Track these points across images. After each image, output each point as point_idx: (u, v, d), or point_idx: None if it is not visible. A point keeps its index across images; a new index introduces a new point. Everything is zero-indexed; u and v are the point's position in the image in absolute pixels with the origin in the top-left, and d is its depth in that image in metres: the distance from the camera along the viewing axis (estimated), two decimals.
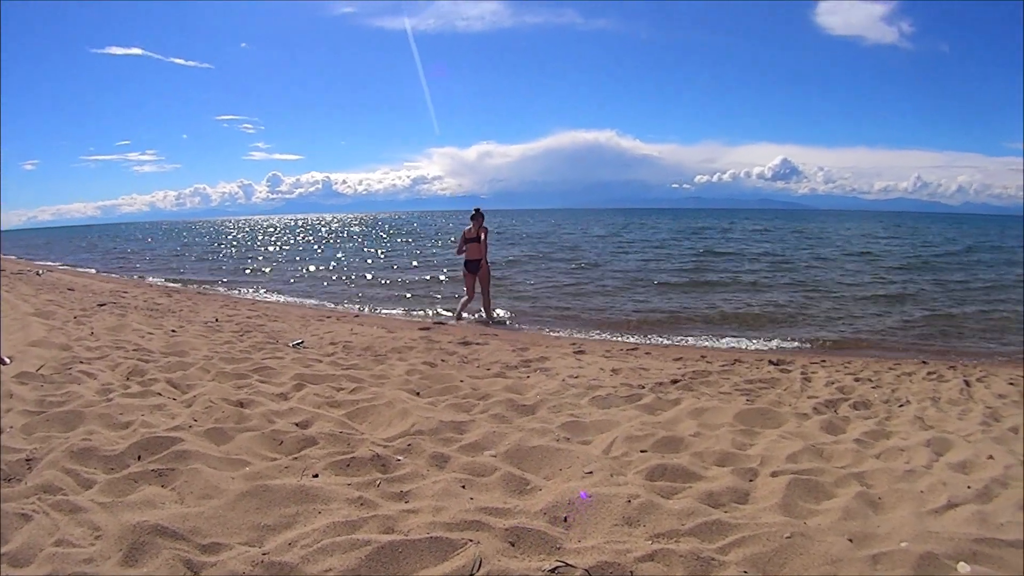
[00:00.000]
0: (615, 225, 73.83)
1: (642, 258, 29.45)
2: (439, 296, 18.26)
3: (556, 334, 12.24)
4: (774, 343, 11.58)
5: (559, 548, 3.09)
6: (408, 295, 18.55)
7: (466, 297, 13.90)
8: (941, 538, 3.23)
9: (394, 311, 15.86)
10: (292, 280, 23.31)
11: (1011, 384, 7.82)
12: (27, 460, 3.88)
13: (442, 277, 22.88)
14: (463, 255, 13.69)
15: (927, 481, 4.09)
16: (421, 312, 15.51)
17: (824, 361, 9.40)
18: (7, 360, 6.40)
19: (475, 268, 13.55)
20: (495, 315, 14.05)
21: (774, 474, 4.17)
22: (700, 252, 32.45)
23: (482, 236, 13.39)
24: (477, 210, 13.53)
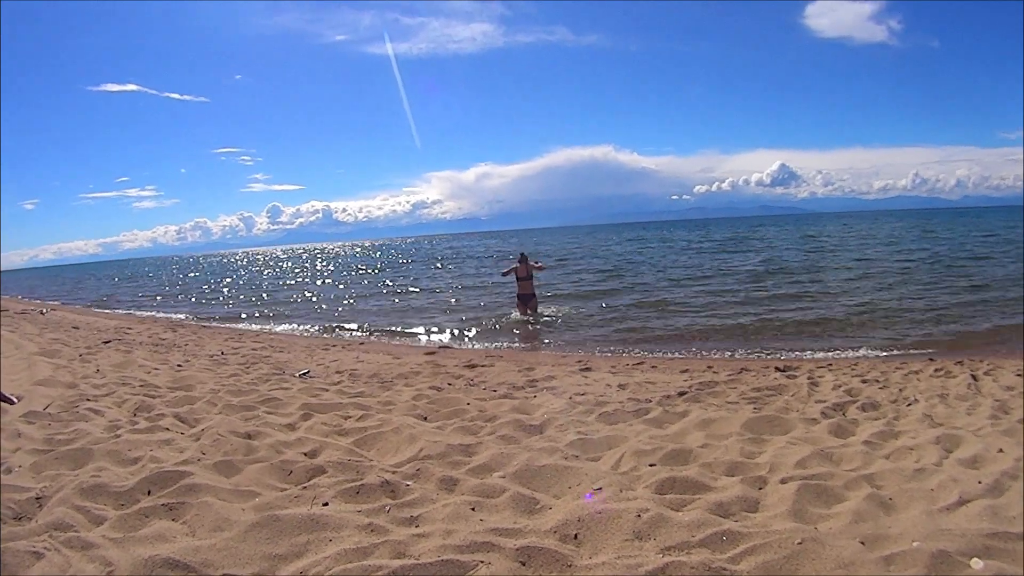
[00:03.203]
0: (641, 241, 69.66)
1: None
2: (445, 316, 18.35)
3: (562, 353, 12.24)
4: None
5: (570, 565, 3.11)
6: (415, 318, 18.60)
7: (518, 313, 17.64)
8: (953, 535, 3.23)
9: (399, 336, 15.95)
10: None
11: (1018, 376, 7.82)
12: (37, 498, 3.90)
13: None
14: (508, 277, 17.97)
15: (937, 479, 4.09)
16: (430, 336, 15.70)
17: (831, 365, 9.39)
18: (15, 399, 6.43)
19: (527, 300, 17.54)
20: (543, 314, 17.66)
21: (783, 481, 4.16)
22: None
23: (533, 274, 17.52)
24: (523, 255, 17.76)
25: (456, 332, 15.87)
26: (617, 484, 4.09)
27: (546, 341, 14.06)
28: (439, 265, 48.91)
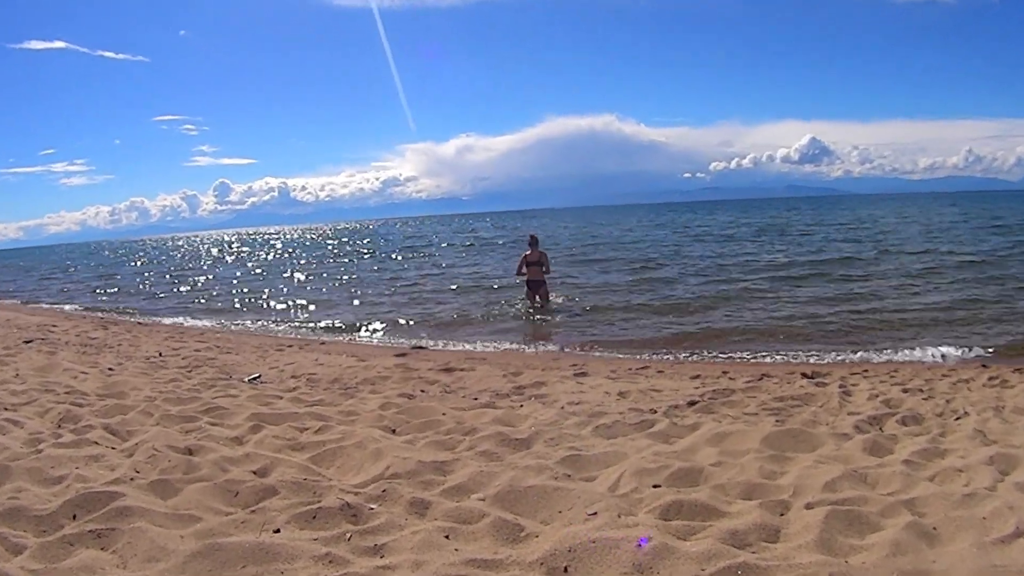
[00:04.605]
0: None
1: None
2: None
3: (554, 355, 12.23)
4: None
5: None
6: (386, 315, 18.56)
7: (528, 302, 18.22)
8: (1009, 572, 3.22)
9: (366, 336, 15.93)
10: None
11: None
12: None
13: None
14: (523, 275, 18.15)
15: (990, 506, 4.04)
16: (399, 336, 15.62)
17: (867, 371, 9.40)
18: None
19: (537, 287, 18.03)
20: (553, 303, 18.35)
21: (809, 506, 4.17)
22: None
23: (544, 261, 17.92)
24: (533, 236, 18.32)
25: (431, 330, 15.84)
26: (615, 508, 4.08)
27: (538, 340, 14.03)
28: (413, 252, 48.73)
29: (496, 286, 23.03)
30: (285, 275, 35.87)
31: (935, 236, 37.32)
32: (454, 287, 24.21)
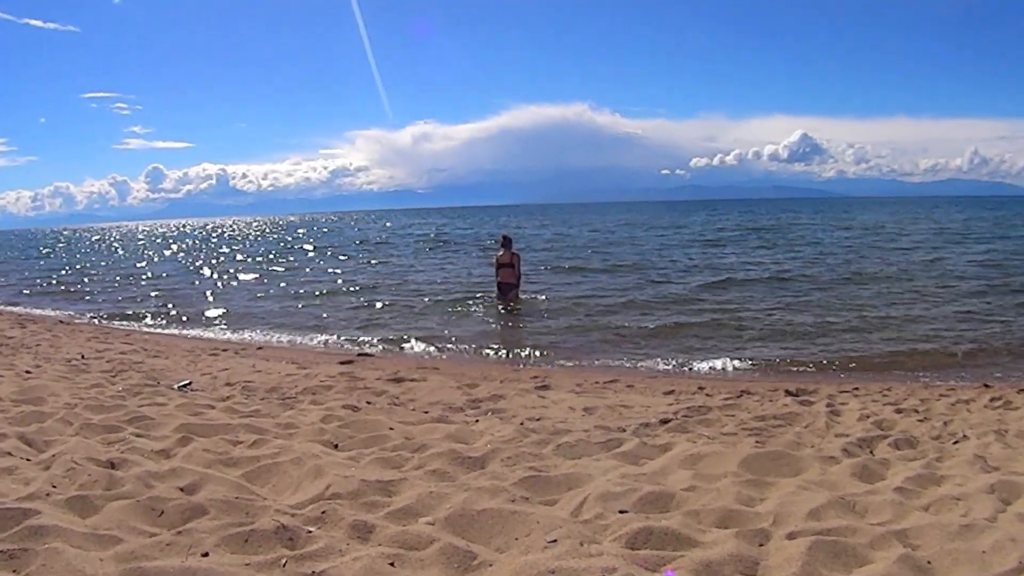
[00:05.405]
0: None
1: None
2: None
3: (514, 365, 12.24)
4: None
5: None
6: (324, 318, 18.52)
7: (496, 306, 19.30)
8: None
9: (307, 340, 15.89)
10: None
11: None
12: None
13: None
14: (497, 279, 19.38)
15: (991, 538, 4.01)
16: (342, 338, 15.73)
17: (857, 389, 9.47)
18: None
19: (508, 290, 19.18)
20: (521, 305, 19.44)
21: (791, 535, 4.15)
22: None
23: (515, 263, 19.07)
24: (506, 237, 19.28)
25: (380, 335, 15.80)
26: (577, 535, 4.05)
27: (497, 349, 14.01)
28: (365, 250, 48.60)
29: (455, 288, 23.07)
30: (221, 274, 35.58)
31: (941, 247, 37.34)
32: (409, 289, 24.19)
